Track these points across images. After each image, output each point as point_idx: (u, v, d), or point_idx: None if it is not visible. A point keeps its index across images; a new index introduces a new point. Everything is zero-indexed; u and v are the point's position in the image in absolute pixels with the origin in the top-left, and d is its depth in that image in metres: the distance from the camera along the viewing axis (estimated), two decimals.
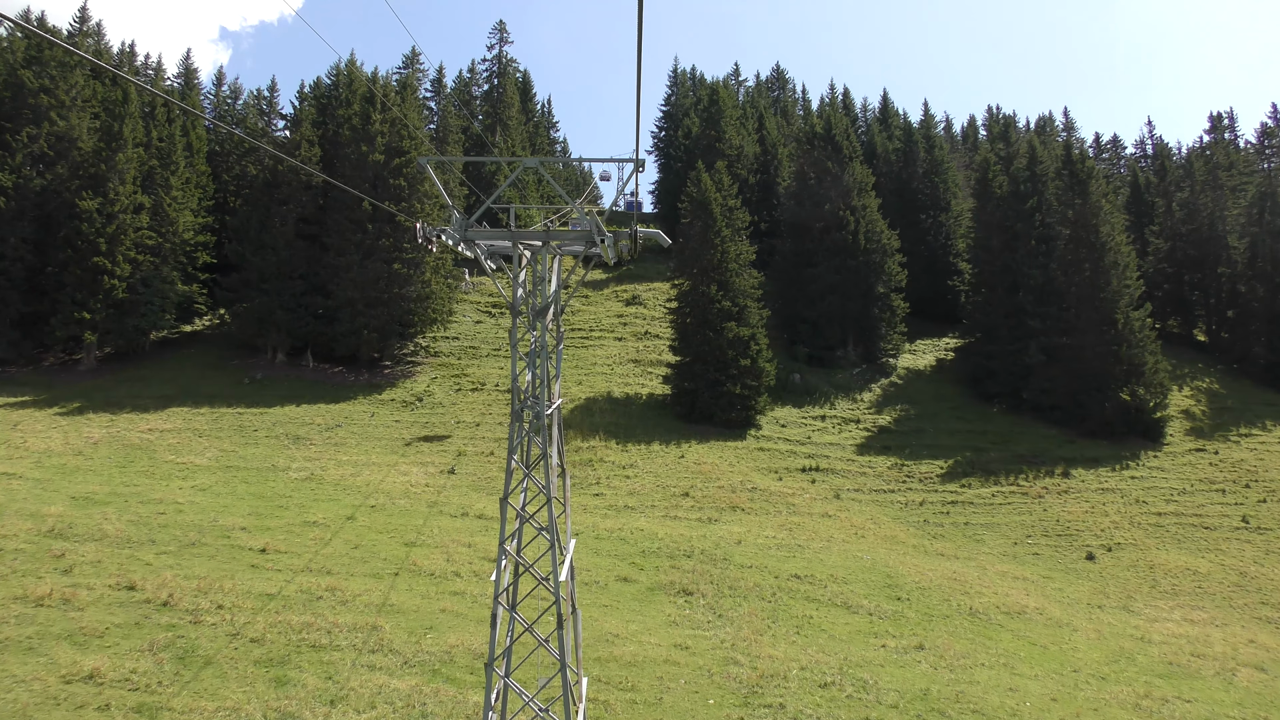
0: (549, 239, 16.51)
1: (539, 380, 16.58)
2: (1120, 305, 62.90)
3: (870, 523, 47.28)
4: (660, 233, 17.84)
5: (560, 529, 25.43)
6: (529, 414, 16.01)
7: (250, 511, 37.18)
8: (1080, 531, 49.18)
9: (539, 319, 16.59)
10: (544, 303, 16.75)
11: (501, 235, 16.44)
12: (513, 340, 16.36)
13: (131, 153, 59.44)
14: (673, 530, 41.70)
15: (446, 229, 15.64)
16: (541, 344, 16.34)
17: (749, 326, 58.79)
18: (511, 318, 16.54)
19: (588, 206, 15.22)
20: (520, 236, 16.34)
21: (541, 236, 16.49)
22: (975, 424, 61.64)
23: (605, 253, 16.33)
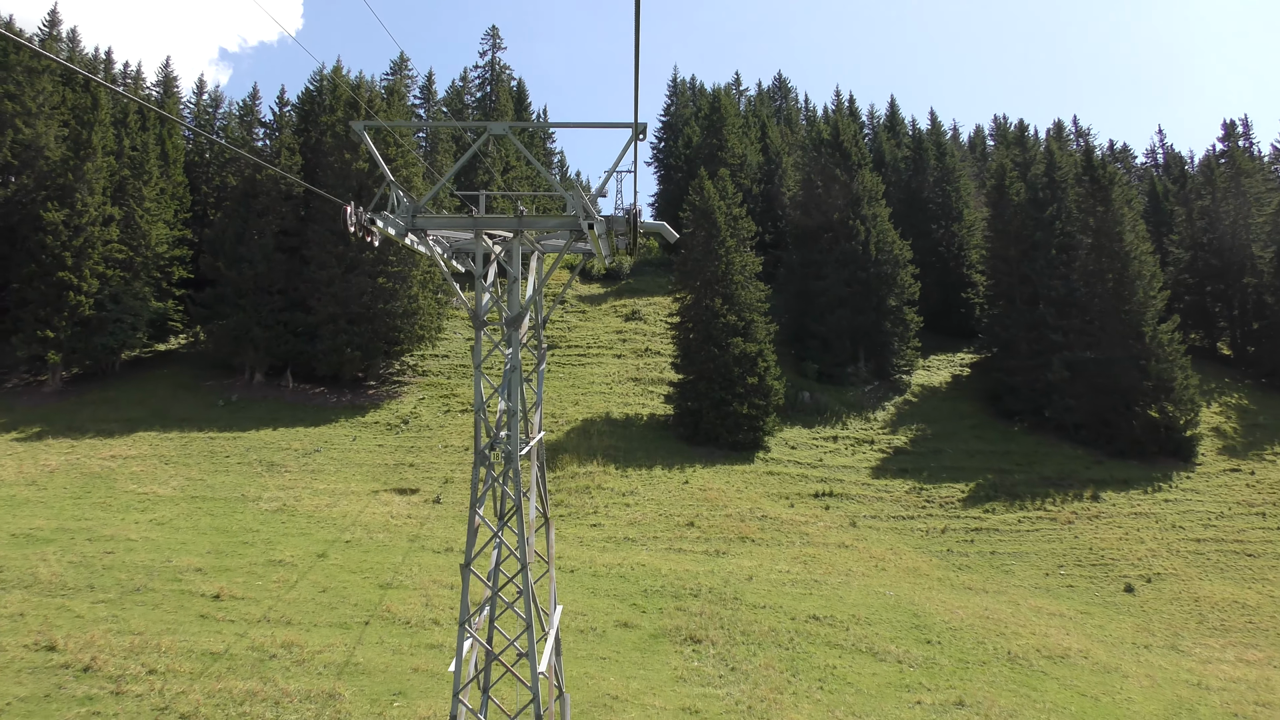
0: (523, 227, 13.07)
1: (514, 409, 13.16)
2: (1146, 317, 59.49)
3: (890, 553, 43.72)
4: (665, 225, 14.42)
5: (541, 598, 21.89)
6: (498, 454, 12.51)
7: (210, 549, 33.61)
8: (1116, 560, 45.63)
9: (512, 331, 13.13)
10: (518, 310, 13.30)
11: (460, 223, 13.00)
12: (475, 359, 12.98)
13: (101, 162, 56.13)
14: (677, 565, 38.12)
15: (386, 214, 12.17)
16: (514, 363, 12.88)
17: (756, 342, 55.30)
18: (475, 331, 13.11)
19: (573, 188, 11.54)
20: (485, 224, 12.92)
21: (512, 224, 13.06)
22: (996, 444, 58.08)
23: (595, 244, 12.92)
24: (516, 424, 13.04)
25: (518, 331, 13.53)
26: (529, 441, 15.34)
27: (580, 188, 12.21)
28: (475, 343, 13.73)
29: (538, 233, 14.54)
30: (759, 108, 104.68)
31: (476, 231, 13.17)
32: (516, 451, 12.80)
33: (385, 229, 12.17)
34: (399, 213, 12.48)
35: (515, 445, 12.84)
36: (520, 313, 13.75)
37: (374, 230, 11.95)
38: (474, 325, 14.13)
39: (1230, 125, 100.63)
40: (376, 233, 12.13)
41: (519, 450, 13.06)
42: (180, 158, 66.07)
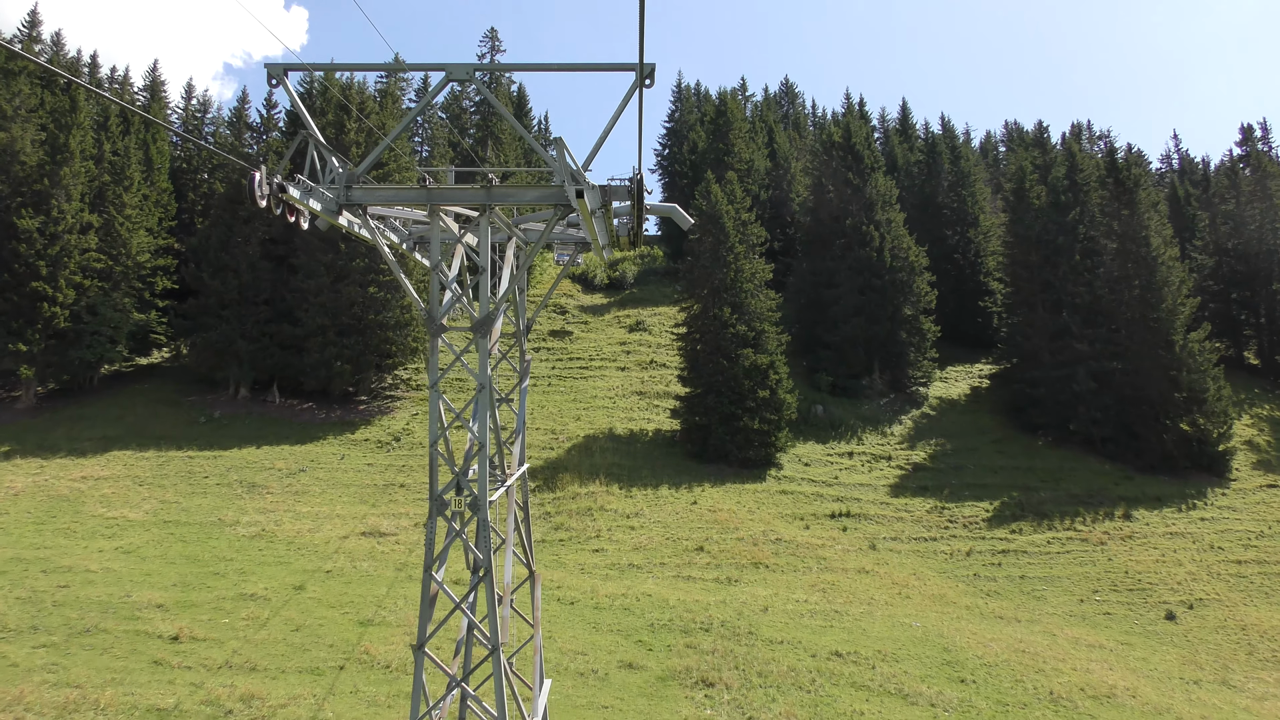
0: (493, 201, 10.33)
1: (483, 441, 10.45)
2: (1176, 325, 56.60)
3: (914, 578, 40.78)
4: (677, 208, 11.68)
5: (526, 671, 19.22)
6: (462, 500, 9.75)
7: (176, 582, 30.79)
8: (1154, 585, 42.68)
9: (480, 338, 10.41)
10: (488, 312, 10.57)
11: (409, 196, 10.25)
12: (431, 375, 10.26)
13: (79, 167, 53.47)
14: (686, 595, 35.20)
15: (307, 183, 9.38)
16: (483, 380, 10.14)
17: (767, 353, 52.44)
18: (429, 339, 10.40)
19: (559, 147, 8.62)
20: (443, 198, 10.20)
21: (479, 198, 10.31)
22: (1020, 459, 55.13)
23: (589, 226, 10.23)
24: (485, 460, 10.25)
25: (487, 339, 10.80)
26: (506, 478, 12.60)
27: (567, 150, 9.49)
28: (430, 354, 11.01)
29: (513, 211, 11.85)
30: (765, 113, 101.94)
31: (431, 208, 10.44)
32: (485, 497, 9.98)
33: (307, 202, 9.35)
34: (329, 182, 9.69)
35: (484, 488, 10.02)
36: (490, 315, 11.05)
37: (294, 204, 9.14)
38: (429, 331, 11.46)
39: (1248, 129, 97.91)
40: (302, 210, 9.36)
41: (489, 494, 10.24)
42: (165, 164, 63.44)
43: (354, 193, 10.31)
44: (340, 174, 10.03)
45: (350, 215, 10.79)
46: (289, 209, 9.45)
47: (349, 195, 10.23)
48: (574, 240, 16.15)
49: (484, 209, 10.93)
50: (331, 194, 10.01)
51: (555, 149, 9.54)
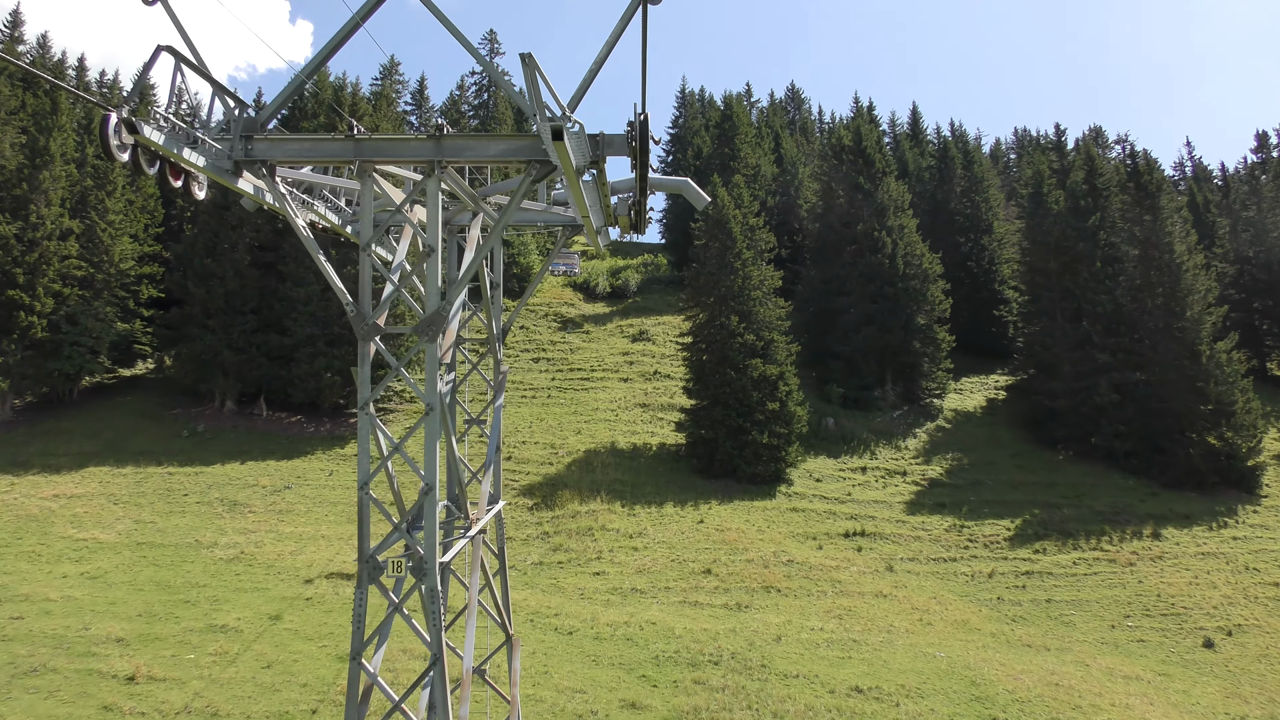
0: (443, 157, 8.08)
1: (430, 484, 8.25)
2: (1201, 335, 54.24)
3: (935, 603, 38.38)
4: (689, 182, 9.45)
5: None
6: (404, 564, 7.47)
7: (141, 611, 28.47)
8: (1189, 610, 40.24)
9: (426, 343, 8.20)
10: (437, 308, 8.36)
11: (329, 150, 7.99)
12: (360, 391, 8.06)
13: (59, 170, 51.36)
14: (694, 623, 32.82)
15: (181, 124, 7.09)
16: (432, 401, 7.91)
17: (776, 364, 50.11)
18: (357, 343, 8.21)
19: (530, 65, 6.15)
20: (376, 152, 8.01)
21: (425, 152, 8.09)
22: (1040, 474, 52.70)
23: (575, 193, 8.00)
24: (434, 508, 7.97)
25: (436, 345, 8.53)
26: (472, 524, 10.37)
27: (539, 73, 7.16)
28: (360, 364, 8.80)
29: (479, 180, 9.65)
30: (771, 118, 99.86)
31: (360, 166, 8.20)
32: (434, 558, 7.66)
33: (180, 152, 7.03)
34: (212, 129, 7.40)
35: (433, 546, 7.70)
36: (440, 313, 8.78)
37: (173, 159, 6.81)
38: (357, 333, 9.27)
39: (1263, 135, 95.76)
40: (191, 170, 7.06)
41: (439, 553, 7.93)
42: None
43: (256, 146, 8.12)
44: (234, 118, 7.79)
45: (253, 177, 8.60)
46: (172, 170, 7.27)
47: (249, 149, 8.02)
48: (562, 222, 13.98)
49: (432, 167, 8.72)
50: (223, 146, 7.79)
51: (530, 70, 7.18)
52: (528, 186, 8.99)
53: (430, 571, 8.61)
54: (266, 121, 8.46)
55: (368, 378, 9.89)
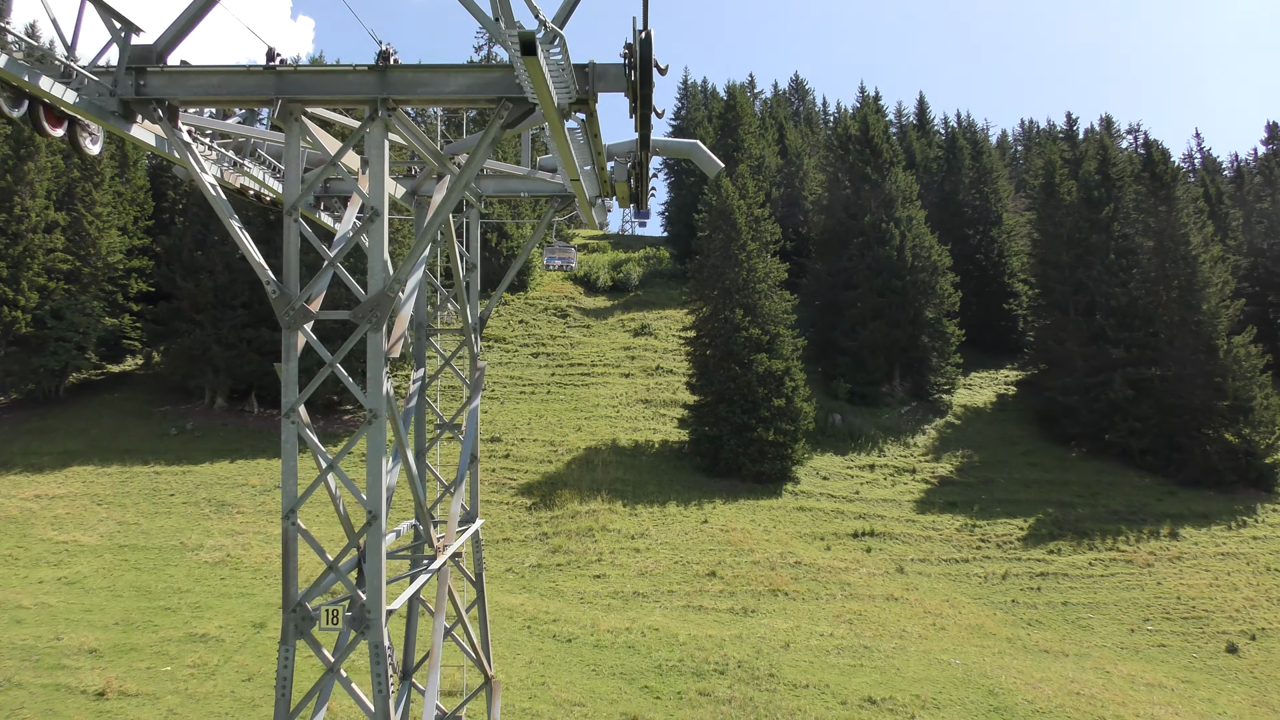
0: (390, 95, 6.71)
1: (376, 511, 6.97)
2: (1218, 329, 52.78)
3: (948, 606, 37.00)
4: (699, 144, 8.10)
5: None
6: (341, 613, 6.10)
7: (118, 620, 27.11)
8: (1210, 613, 38.86)
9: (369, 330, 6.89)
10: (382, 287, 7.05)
11: (243, 86, 6.61)
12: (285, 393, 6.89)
13: (45, 162, 50.00)
14: (698, 629, 31.46)
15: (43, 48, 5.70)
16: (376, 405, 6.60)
17: (782, 359, 48.66)
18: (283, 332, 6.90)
19: None
20: (301, 89, 6.62)
21: (367, 89, 6.70)
22: (1054, 472, 51.27)
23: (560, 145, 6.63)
24: (379, 539, 6.61)
25: (381, 334, 7.20)
26: (438, 552, 9.02)
27: None
28: (284, 358, 7.46)
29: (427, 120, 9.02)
30: (775, 109, 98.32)
31: (283, 106, 6.79)
32: (379, 608, 6.26)
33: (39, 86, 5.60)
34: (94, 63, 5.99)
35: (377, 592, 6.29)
36: (386, 294, 7.40)
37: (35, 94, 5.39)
38: (279, 318, 7.93)
39: (1274, 127, 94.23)
40: (77, 118, 5.65)
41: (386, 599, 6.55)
42: (142, 159, 59.98)
43: (150, 81, 6.71)
44: (124, 45, 6.35)
45: (150, 122, 7.21)
46: (49, 113, 5.91)
47: (141, 86, 6.60)
48: (550, 191, 12.57)
49: (375, 107, 7.30)
50: (105, 80, 6.37)
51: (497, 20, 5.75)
52: (497, 131, 7.53)
53: (375, 624, 7.18)
54: (165, 51, 6.99)
55: (294, 376, 8.48)
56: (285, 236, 8.59)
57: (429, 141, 9.39)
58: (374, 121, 7.46)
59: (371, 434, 8.44)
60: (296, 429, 8.47)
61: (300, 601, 8.33)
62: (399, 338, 8.50)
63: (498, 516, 41.91)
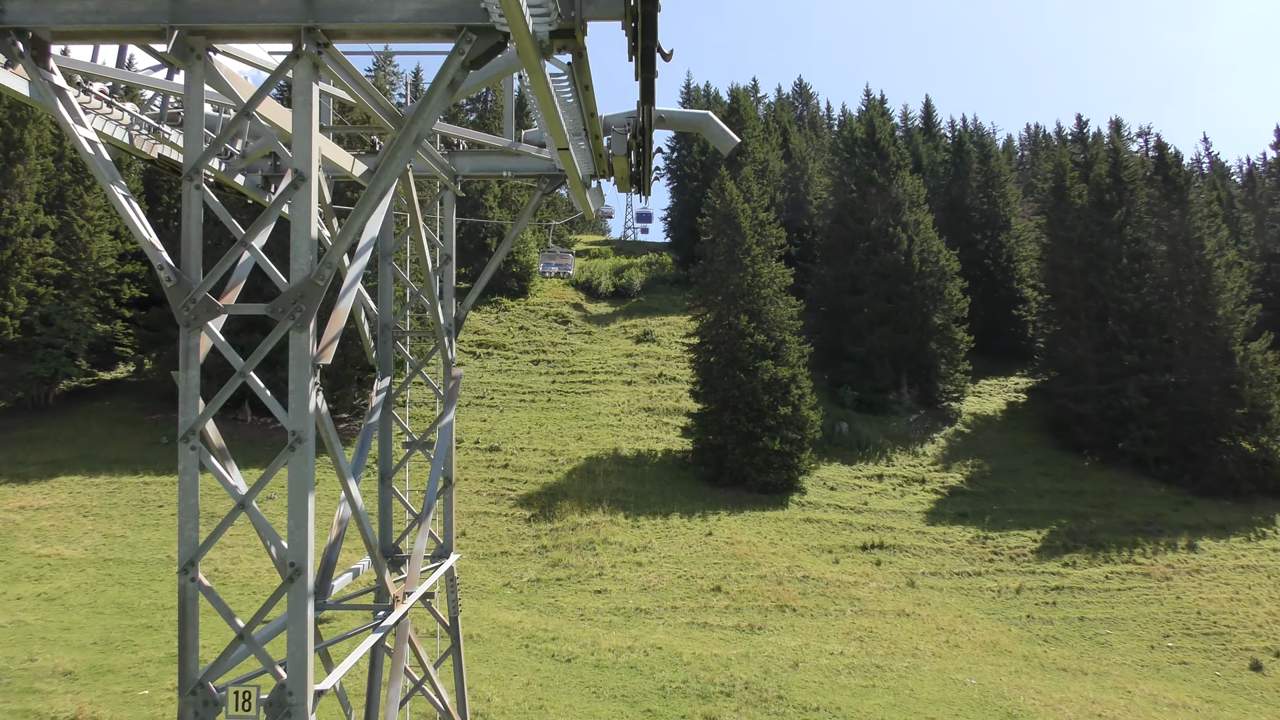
0: (318, 24, 5.53)
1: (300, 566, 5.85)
2: (1234, 335, 51.60)
3: (961, 622, 35.73)
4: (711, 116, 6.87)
5: None
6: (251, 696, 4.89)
7: (97, 639, 25.91)
8: (1232, 628, 37.58)
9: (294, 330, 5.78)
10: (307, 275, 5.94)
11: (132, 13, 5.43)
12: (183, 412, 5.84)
13: (35, 164, 48.85)
14: (703, 647, 30.22)
15: None
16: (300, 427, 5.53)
17: (788, 365, 47.46)
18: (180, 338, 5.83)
19: None
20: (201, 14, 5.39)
21: (294, 12, 5.50)
22: (1067, 482, 49.99)
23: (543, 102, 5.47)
24: (305, 606, 5.54)
25: (305, 335, 6.14)
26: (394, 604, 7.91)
27: None
28: (182, 365, 6.41)
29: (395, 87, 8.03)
30: (779, 114, 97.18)
31: (180, 41, 5.63)
32: (304, 689, 5.14)
33: None
34: None
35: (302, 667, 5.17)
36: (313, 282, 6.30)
37: None
38: (176, 315, 6.86)
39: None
40: None
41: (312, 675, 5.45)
42: (136, 163, 58.86)
43: (9, 8, 5.55)
44: None
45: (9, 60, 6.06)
46: None
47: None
48: (536, 170, 11.41)
49: (298, 42, 6.10)
50: None
51: None
52: (457, 71, 6.30)
53: (298, 710, 5.86)
54: None
55: (195, 388, 7.27)
56: (184, 208, 7.34)
57: (373, 90, 8.10)
58: (299, 60, 6.21)
59: (294, 464, 7.09)
60: (198, 456, 7.16)
61: (201, 681, 6.85)
62: (332, 339, 7.22)
63: (496, 529, 40.74)
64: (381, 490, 13.24)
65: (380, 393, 12.25)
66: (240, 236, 7.26)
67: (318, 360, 6.91)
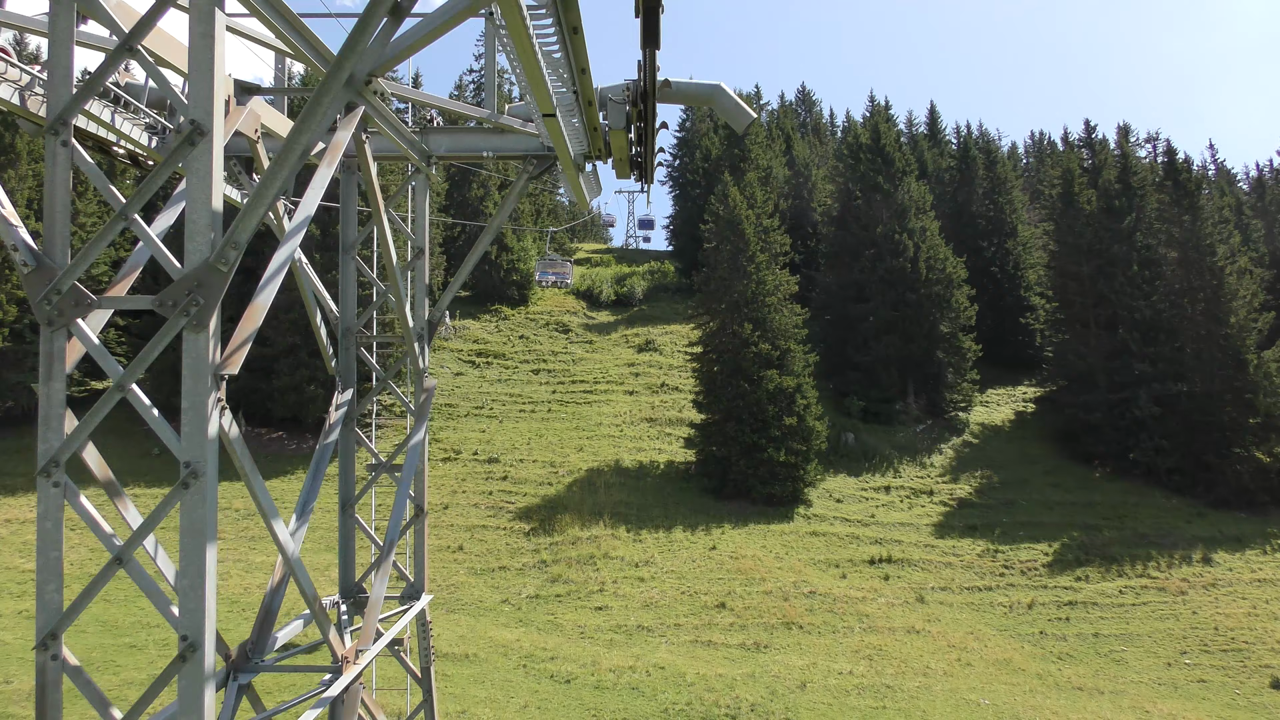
0: None
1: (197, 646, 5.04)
2: (1247, 343, 50.61)
3: (973, 639, 34.70)
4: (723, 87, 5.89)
5: None
6: None
7: (79, 659, 24.69)
8: (1250, 645, 36.50)
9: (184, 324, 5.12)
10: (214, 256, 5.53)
11: None
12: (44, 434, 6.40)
13: (26, 170, 48.05)
14: (707, 667, 29.22)
15: None
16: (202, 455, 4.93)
17: (793, 375, 46.50)
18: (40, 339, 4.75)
19: None
20: None
21: None
22: (1077, 493, 48.99)
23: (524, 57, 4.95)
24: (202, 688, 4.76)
25: (206, 335, 5.43)
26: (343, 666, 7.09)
27: None
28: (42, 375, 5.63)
29: None
30: (782, 120, 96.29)
31: None
32: None
33: None
34: None
35: None
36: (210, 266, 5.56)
37: None
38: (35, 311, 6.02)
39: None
40: None
41: None
42: (129, 170, 58.04)
43: None
44: None
45: None
46: None
47: None
48: (520, 150, 10.45)
49: None
50: None
51: None
52: None
53: None
54: None
55: (60, 406, 6.34)
56: (47, 170, 6.34)
57: (295, 20, 7.18)
58: None
59: (187, 506, 6.06)
60: (62, 495, 6.12)
61: None
62: (244, 343, 6.27)
63: (494, 543, 39.76)
64: (342, 521, 12.06)
65: (341, 407, 11.06)
66: (119, 207, 6.31)
67: (221, 370, 5.83)
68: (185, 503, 6.10)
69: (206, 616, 6.00)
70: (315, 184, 6.61)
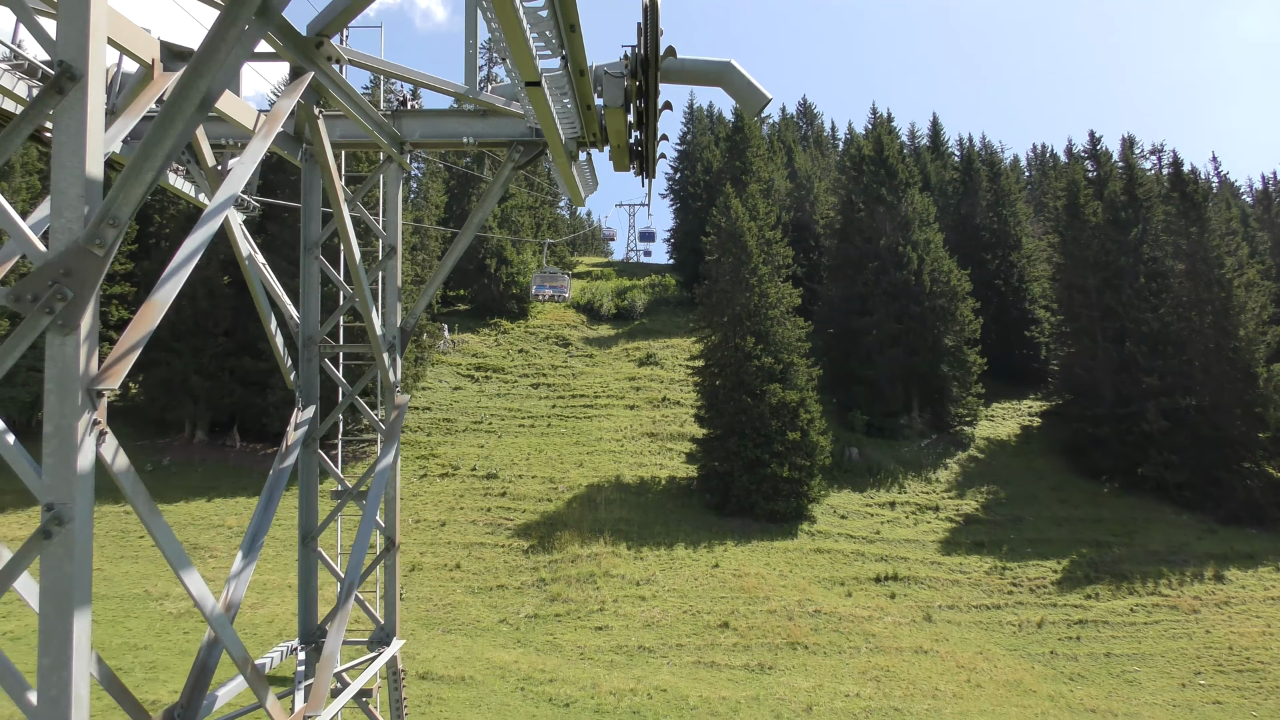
0: None
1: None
2: (1257, 356, 49.89)
3: (982, 659, 33.86)
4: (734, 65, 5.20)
5: None
6: None
7: None
8: (1265, 664, 35.63)
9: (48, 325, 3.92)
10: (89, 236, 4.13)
11: None
12: None
13: (20, 182, 47.53)
14: (710, 689, 28.40)
15: None
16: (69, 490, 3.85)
17: (797, 389, 45.77)
18: None
19: None
20: None
21: None
22: (1085, 509, 48.18)
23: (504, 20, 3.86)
24: None
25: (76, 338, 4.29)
26: None
27: None
28: None
29: None
30: (784, 133, 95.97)
31: None
32: None
33: None
34: None
35: None
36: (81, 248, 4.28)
37: None
38: None
39: None
40: None
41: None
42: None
43: None
44: None
45: None
46: None
47: None
48: (505, 136, 9.79)
49: None
50: None
51: None
52: None
53: None
54: None
55: None
56: None
57: None
58: None
59: (49, 560, 4.63)
60: None
61: None
62: (130, 350, 5.08)
63: (492, 561, 38.97)
64: (303, 556, 10.71)
65: (300, 426, 9.97)
66: None
67: (97, 384, 4.67)
68: (46, 557, 4.71)
69: (71, 705, 4.74)
70: (246, 157, 5.75)
